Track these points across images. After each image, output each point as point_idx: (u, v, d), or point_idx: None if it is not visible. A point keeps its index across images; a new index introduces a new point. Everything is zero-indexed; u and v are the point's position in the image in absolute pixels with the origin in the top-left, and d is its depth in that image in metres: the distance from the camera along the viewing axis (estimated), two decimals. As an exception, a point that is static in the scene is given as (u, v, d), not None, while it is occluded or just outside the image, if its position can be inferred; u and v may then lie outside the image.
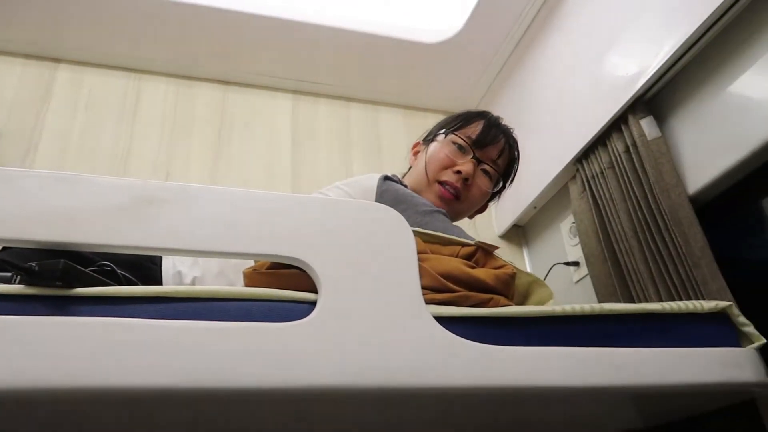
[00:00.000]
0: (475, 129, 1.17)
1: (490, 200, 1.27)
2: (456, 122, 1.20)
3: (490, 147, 1.17)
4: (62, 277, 0.60)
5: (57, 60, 1.79)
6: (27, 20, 1.69)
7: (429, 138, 1.24)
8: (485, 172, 1.17)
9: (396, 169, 1.27)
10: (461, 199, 1.15)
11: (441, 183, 1.14)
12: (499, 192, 1.26)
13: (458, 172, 1.13)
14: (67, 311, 0.60)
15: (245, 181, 1.76)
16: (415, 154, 1.26)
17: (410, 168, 1.26)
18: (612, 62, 1.42)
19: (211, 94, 1.89)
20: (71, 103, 1.74)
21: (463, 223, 1.29)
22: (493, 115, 1.23)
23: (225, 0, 1.70)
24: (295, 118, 1.94)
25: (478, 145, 1.16)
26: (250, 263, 0.79)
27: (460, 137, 1.16)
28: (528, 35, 1.80)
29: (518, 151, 1.25)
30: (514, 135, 1.24)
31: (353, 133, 1.97)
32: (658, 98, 1.34)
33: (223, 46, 1.82)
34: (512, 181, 1.26)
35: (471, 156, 1.15)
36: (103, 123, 1.73)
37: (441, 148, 1.17)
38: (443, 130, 1.20)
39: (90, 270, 0.70)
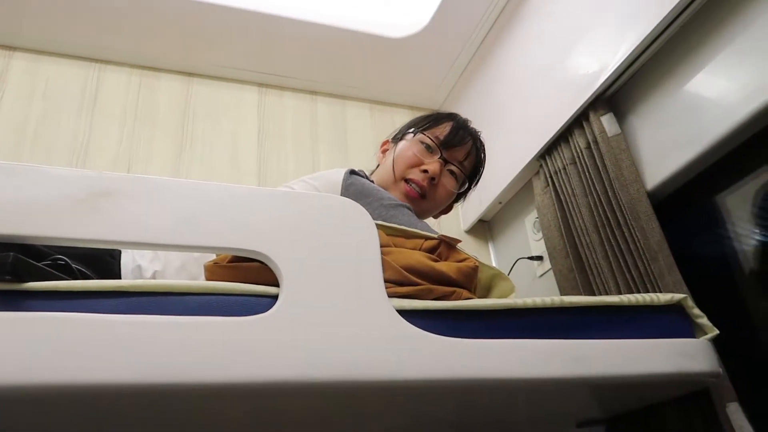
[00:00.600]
0: (443, 130, 1.19)
1: (455, 201, 1.29)
2: (425, 122, 1.21)
3: (458, 148, 1.19)
4: (12, 270, 0.58)
5: (11, 48, 1.73)
6: (-21, 6, 1.63)
7: (398, 137, 1.25)
8: (451, 172, 1.19)
9: (362, 164, 1.27)
10: (427, 197, 1.16)
11: (407, 181, 1.16)
12: (465, 193, 1.27)
13: (425, 171, 1.15)
14: (17, 306, 0.58)
15: (210, 175, 1.72)
16: (384, 152, 1.27)
17: (378, 166, 1.26)
18: (573, 61, 1.44)
19: (174, 86, 1.85)
20: (27, 92, 1.67)
21: (428, 220, 1.30)
22: (462, 118, 1.25)
23: (188, -10, 1.66)
24: (260, 111, 1.91)
25: (445, 145, 1.17)
26: (213, 257, 0.78)
27: (428, 137, 1.18)
28: (492, 33, 1.81)
29: (485, 154, 1.27)
30: (481, 138, 1.26)
31: (320, 127, 1.96)
32: (618, 96, 1.36)
33: (187, 36, 1.78)
34: (477, 182, 1.28)
35: (438, 156, 1.17)
36: (62, 114, 1.67)
37: (409, 146, 1.18)
38: (412, 129, 1.21)
39: (43, 264, 0.68)
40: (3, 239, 0.60)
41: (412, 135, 1.20)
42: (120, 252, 0.92)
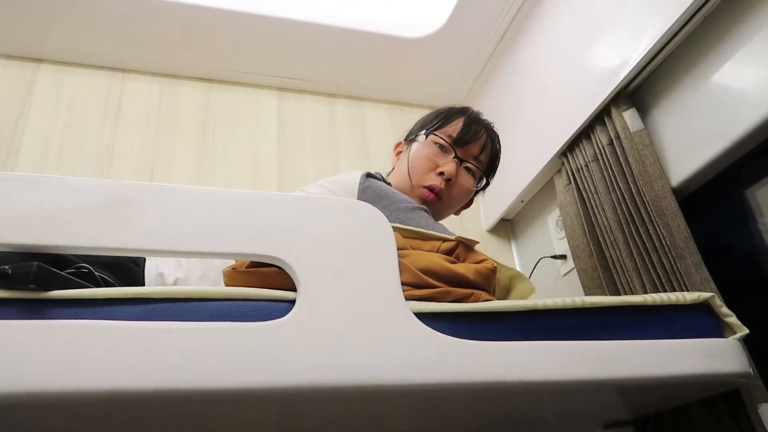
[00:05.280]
0: (455, 127, 1.15)
1: (475, 194, 1.26)
2: (436, 121, 1.18)
3: (472, 144, 1.15)
4: (36, 279, 0.59)
5: (38, 60, 1.77)
6: (7, 20, 1.67)
7: (410, 138, 1.22)
8: (468, 169, 1.16)
9: (382, 165, 1.26)
10: (443, 199, 1.14)
11: (425, 187, 1.12)
12: (484, 187, 1.25)
13: (441, 173, 1.12)
14: (42, 314, 0.59)
15: (230, 180, 1.74)
16: (398, 154, 1.25)
17: (393, 168, 1.25)
18: (594, 55, 1.42)
19: (195, 93, 1.87)
20: (53, 103, 1.72)
21: (450, 219, 1.29)
22: (473, 111, 1.22)
23: (207, -2, 1.68)
24: (280, 115, 1.93)
25: (459, 143, 1.14)
26: (231, 262, 0.78)
27: (440, 137, 1.15)
28: (511, 30, 1.80)
29: (500, 145, 1.23)
30: (494, 129, 1.23)
31: (339, 130, 1.96)
32: (641, 90, 1.34)
33: (206, 44, 1.80)
34: (494, 174, 1.25)
35: (453, 156, 1.14)
36: (86, 123, 1.71)
37: (422, 149, 1.16)
38: (424, 130, 1.18)
39: (67, 272, 0.69)
40: (27, 249, 0.61)
41: (424, 136, 1.17)
42: (144, 260, 0.93)
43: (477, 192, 1.24)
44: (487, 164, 1.20)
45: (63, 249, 0.62)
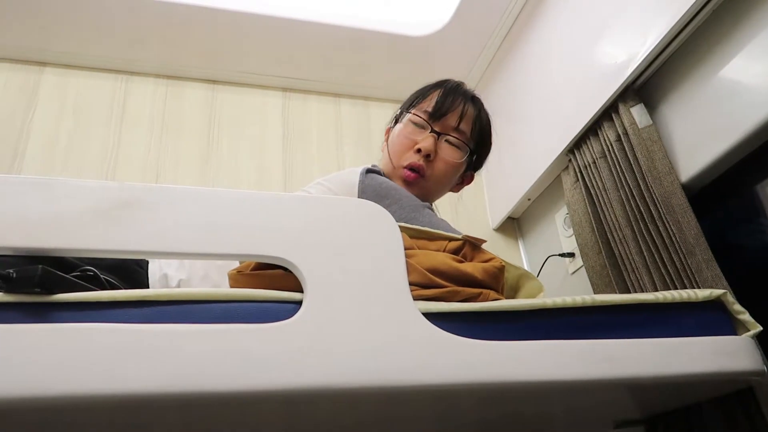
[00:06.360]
0: (430, 102, 1.12)
1: (474, 169, 1.21)
2: (414, 98, 1.15)
3: (449, 116, 1.11)
4: (41, 283, 0.59)
5: (43, 63, 1.77)
6: (11, 24, 1.67)
7: (394, 123, 1.19)
8: (449, 142, 1.11)
9: (387, 165, 1.25)
10: (426, 176, 1.10)
11: (405, 168, 1.09)
12: (478, 159, 1.19)
13: (419, 150, 1.08)
14: (47, 318, 0.59)
15: (236, 180, 1.74)
16: (387, 140, 1.21)
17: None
18: (601, 50, 1.40)
19: (199, 94, 1.87)
20: (58, 106, 1.72)
21: (455, 218, 1.27)
22: (452, 82, 1.17)
23: (211, -2, 1.68)
24: (285, 115, 1.92)
25: (434, 117, 1.10)
26: (235, 265, 0.78)
27: (416, 114, 1.12)
28: (516, 26, 1.78)
29: (485, 112, 1.18)
30: (476, 96, 1.18)
31: (344, 129, 1.96)
32: (648, 86, 1.32)
33: (210, 45, 1.80)
34: (489, 143, 1.19)
35: (429, 130, 1.10)
36: (91, 126, 1.71)
37: (401, 130, 1.13)
38: (403, 112, 1.15)
39: (72, 275, 0.69)
40: (33, 252, 0.61)
41: (403, 116, 1.15)
42: (147, 262, 0.93)
43: (471, 166, 1.19)
44: (472, 132, 1.14)
45: (69, 252, 0.61)
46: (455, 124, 1.11)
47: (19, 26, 1.68)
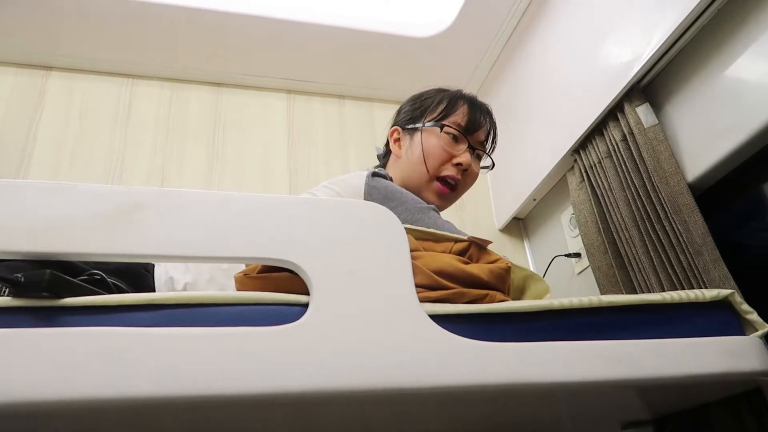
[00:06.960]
0: (462, 115, 1.15)
1: None
2: (441, 110, 1.16)
3: (479, 131, 1.17)
4: (49, 287, 0.59)
5: (49, 68, 1.78)
6: (17, 29, 1.68)
7: (409, 126, 1.19)
8: (478, 157, 1.19)
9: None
10: (457, 190, 1.15)
11: (440, 178, 1.12)
12: (487, 167, 1.26)
13: (458, 164, 1.12)
14: (55, 322, 0.59)
15: (241, 182, 1.75)
16: (396, 141, 1.21)
17: (388, 154, 1.22)
18: (606, 50, 1.40)
19: (204, 97, 1.88)
20: (64, 110, 1.73)
21: (461, 219, 1.28)
22: (469, 95, 1.22)
23: (214, 1, 1.68)
24: (289, 117, 1.93)
25: (469, 131, 1.15)
26: (241, 267, 0.78)
27: (451, 127, 1.14)
28: (520, 26, 1.78)
29: (495, 124, 1.25)
30: (490, 109, 1.24)
31: (349, 131, 1.96)
32: (654, 85, 1.32)
33: (214, 47, 1.81)
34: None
35: (466, 145, 1.14)
36: (97, 130, 1.72)
37: (435, 140, 1.13)
38: (430, 120, 1.15)
39: (79, 279, 0.69)
40: (40, 257, 0.61)
41: (432, 125, 1.15)
42: (153, 265, 0.93)
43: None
44: (492, 147, 1.23)
45: (78, 256, 0.61)
46: (483, 138, 1.19)
47: (26, 31, 1.69)
